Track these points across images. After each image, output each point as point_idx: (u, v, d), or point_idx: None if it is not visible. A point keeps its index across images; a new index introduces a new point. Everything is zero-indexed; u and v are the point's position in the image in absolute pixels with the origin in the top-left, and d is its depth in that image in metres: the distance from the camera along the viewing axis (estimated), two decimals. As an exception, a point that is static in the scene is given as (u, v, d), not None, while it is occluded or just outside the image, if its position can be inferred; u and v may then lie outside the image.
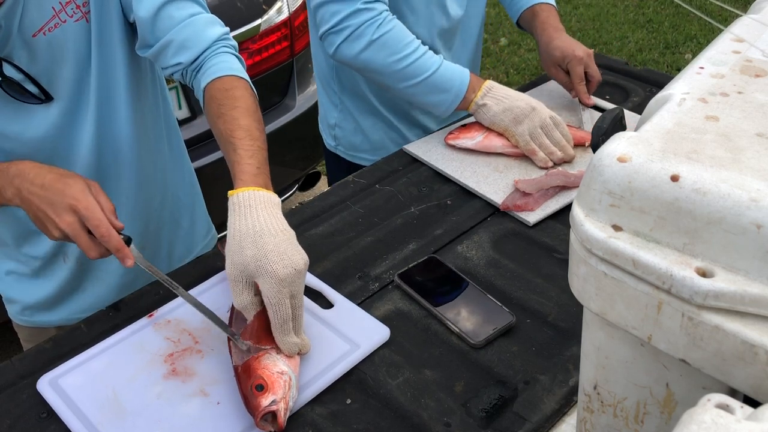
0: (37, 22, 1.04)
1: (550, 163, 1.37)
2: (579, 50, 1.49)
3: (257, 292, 0.92)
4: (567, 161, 1.39)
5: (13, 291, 1.32)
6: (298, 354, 0.96)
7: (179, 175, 1.39)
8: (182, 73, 1.14)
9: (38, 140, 1.12)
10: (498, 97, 1.40)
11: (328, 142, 1.73)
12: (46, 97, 1.09)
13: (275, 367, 0.91)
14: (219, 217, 1.55)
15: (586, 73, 1.51)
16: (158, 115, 1.30)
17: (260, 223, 0.91)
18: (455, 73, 1.40)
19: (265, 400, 0.87)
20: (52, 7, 1.05)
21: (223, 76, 1.09)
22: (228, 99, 1.06)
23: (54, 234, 0.97)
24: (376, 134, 1.65)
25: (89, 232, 0.96)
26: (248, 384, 0.89)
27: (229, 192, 0.94)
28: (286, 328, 0.92)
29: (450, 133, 1.44)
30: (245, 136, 1.00)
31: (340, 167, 1.73)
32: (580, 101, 1.54)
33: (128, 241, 0.98)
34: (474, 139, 1.42)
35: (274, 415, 0.87)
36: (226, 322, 1.01)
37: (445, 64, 1.40)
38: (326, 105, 1.69)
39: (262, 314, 0.93)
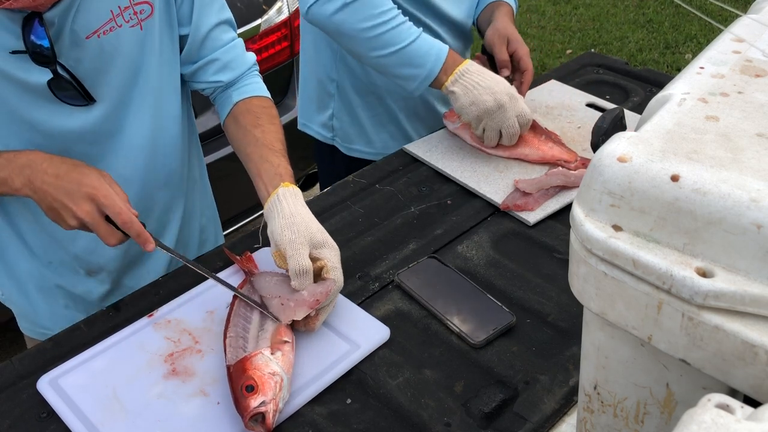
0: (92, 24, 1.04)
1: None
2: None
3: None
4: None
5: (48, 313, 1.30)
6: (305, 329, 1.01)
7: (204, 191, 1.41)
8: (214, 89, 1.24)
9: (74, 140, 1.11)
10: (468, 86, 1.33)
11: (323, 134, 1.68)
12: (89, 100, 1.08)
13: (267, 368, 0.91)
14: (223, 215, 1.55)
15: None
16: (192, 130, 1.32)
17: (308, 209, 1.07)
18: (432, 48, 1.33)
19: (254, 401, 0.87)
20: (110, 11, 1.05)
21: (260, 96, 1.25)
22: (266, 115, 1.21)
23: (70, 222, 0.98)
24: (374, 127, 1.63)
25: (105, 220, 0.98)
26: (239, 384, 0.89)
27: (284, 183, 1.08)
28: (335, 297, 1.03)
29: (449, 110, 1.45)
30: (283, 149, 1.16)
31: (335, 160, 1.70)
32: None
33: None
34: (455, 123, 1.43)
35: (263, 416, 0.87)
36: (226, 322, 1.01)
37: (423, 37, 1.34)
38: (321, 96, 1.64)
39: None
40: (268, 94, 1.26)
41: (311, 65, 1.64)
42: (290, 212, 1.03)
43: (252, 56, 1.28)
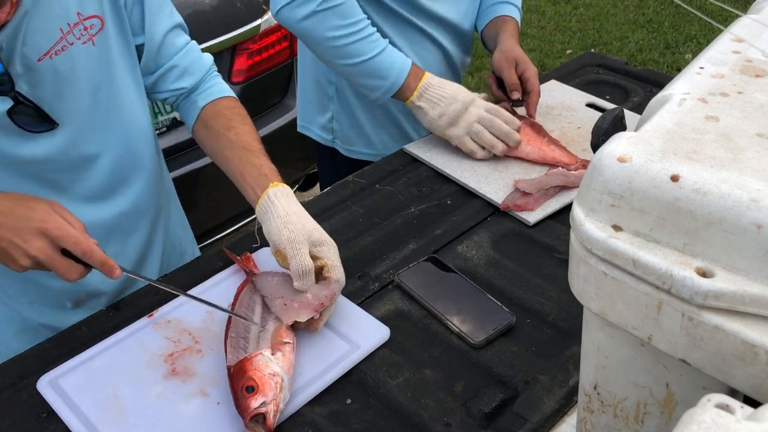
0: (43, 46, 0.98)
1: (491, 155, 1.38)
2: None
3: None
4: (513, 147, 1.37)
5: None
6: (309, 329, 1.01)
7: (176, 202, 1.39)
8: (177, 97, 1.21)
9: (41, 169, 1.05)
10: (434, 99, 1.37)
11: (323, 136, 1.69)
12: (51, 124, 1.03)
13: (267, 368, 0.91)
14: (220, 217, 1.55)
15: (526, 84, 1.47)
16: (156, 141, 1.29)
17: (302, 207, 1.06)
18: (395, 62, 1.37)
19: (255, 402, 0.87)
20: (60, 29, 0.99)
21: (227, 97, 1.22)
22: (237, 116, 1.18)
23: (23, 263, 0.90)
24: (374, 128, 1.63)
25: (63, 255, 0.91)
26: (239, 385, 0.89)
27: (273, 183, 1.06)
28: (337, 297, 1.03)
29: None
30: (260, 148, 1.13)
31: (336, 162, 1.70)
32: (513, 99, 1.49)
33: None
34: None
35: (264, 416, 0.87)
36: (227, 323, 1.01)
37: (389, 50, 1.38)
38: (320, 98, 1.65)
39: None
40: (233, 94, 1.24)
41: (309, 68, 1.65)
42: (285, 212, 1.02)
43: (209, 57, 1.24)
